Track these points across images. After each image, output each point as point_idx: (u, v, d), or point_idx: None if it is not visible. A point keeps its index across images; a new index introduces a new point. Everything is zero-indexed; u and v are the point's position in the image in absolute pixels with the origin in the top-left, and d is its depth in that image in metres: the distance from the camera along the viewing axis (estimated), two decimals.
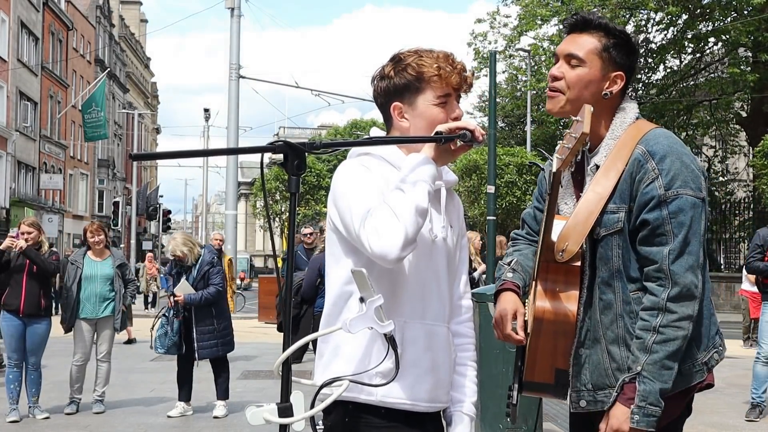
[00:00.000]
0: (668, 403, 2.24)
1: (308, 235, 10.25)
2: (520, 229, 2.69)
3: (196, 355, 7.29)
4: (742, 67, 24.21)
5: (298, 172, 1.87)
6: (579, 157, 2.38)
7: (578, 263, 2.29)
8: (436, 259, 2.21)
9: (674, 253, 2.16)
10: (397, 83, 2.23)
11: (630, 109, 2.35)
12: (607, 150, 2.30)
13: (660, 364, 2.14)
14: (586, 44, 2.33)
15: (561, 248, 2.25)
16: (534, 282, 2.35)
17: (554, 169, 2.05)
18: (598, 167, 2.30)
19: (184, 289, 7.26)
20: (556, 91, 2.34)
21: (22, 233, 7.17)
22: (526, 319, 2.40)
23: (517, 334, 2.36)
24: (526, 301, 2.46)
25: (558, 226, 2.30)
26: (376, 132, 2.31)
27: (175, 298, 7.24)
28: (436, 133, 2.12)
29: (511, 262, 2.52)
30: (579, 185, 2.38)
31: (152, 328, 7.46)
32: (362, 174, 2.14)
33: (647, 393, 2.14)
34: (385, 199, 2.05)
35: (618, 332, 2.25)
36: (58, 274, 8.73)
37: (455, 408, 2.28)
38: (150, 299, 23.33)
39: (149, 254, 25.92)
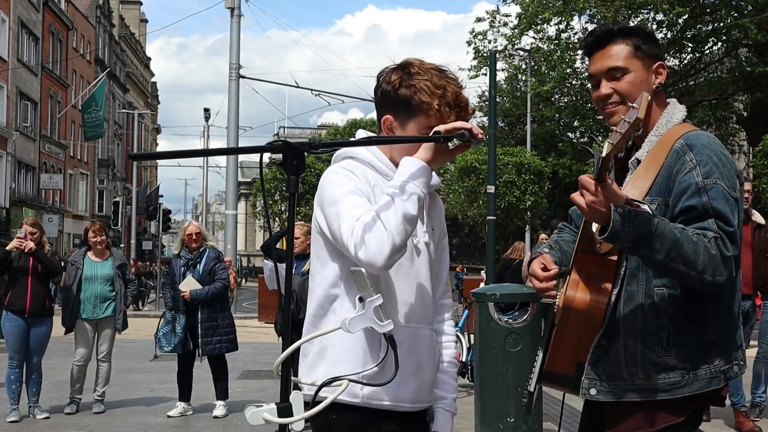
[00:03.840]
0: (671, 406, 2.23)
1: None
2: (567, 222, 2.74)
3: (199, 351, 7.30)
4: (744, 65, 24.23)
5: (297, 172, 1.87)
6: (622, 154, 2.37)
7: (615, 257, 2.26)
8: (419, 263, 2.22)
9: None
10: (398, 96, 2.19)
11: (678, 112, 2.37)
12: (650, 146, 2.30)
13: (669, 238, 2.06)
14: (619, 53, 2.35)
15: (599, 241, 2.22)
16: (569, 270, 2.33)
17: (604, 154, 1.99)
18: (639, 162, 2.30)
19: (189, 284, 7.28)
20: (616, 105, 2.34)
21: (30, 234, 7.17)
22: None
23: (549, 278, 2.33)
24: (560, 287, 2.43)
25: None
26: (361, 134, 2.25)
27: (181, 294, 7.25)
28: (435, 132, 2.11)
29: (550, 242, 2.55)
30: (620, 181, 2.35)
31: (156, 332, 7.46)
32: (350, 180, 2.13)
33: (636, 224, 2.03)
34: (375, 206, 2.04)
35: (636, 325, 2.23)
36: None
37: (438, 405, 2.31)
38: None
39: (227, 258, 23.20)
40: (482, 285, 12.68)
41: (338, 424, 2.14)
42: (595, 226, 2.24)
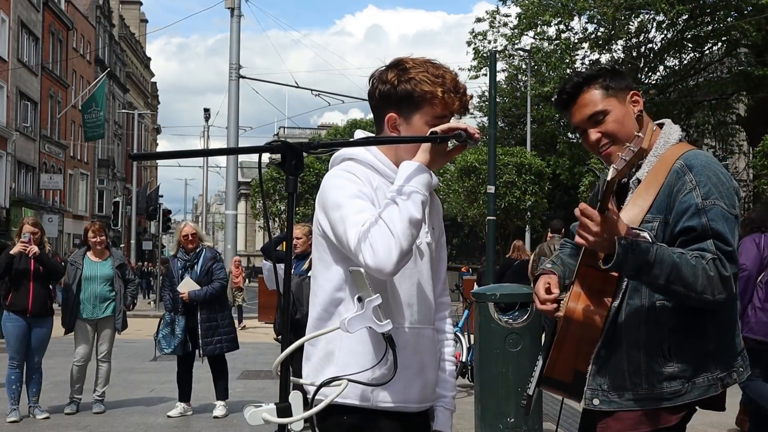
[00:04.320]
0: (667, 410, 2.30)
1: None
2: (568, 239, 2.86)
3: (200, 351, 7.29)
4: (743, 66, 24.23)
5: (295, 172, 1.87)
6: (626, 180, 2.45)
7: (616, 273, 2.34)
8: (421, 264, 2.22)
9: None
10: (398, 93, 2.18)
11: (674, 132, 2.47)
12: (650, 166, 2.40)
13: (668, 264, 2.15)
14: (594, 98, 2.46)
15: (601, 256, 2.31)
16: (571, 283, 2.42)
17: (609, 178, 2.11)
18: (640, 181, 2.40)
19: (187, 285, 7.27)
20: (609, 146, 2.44)
21: (32, 234, 7.19)
22: (561, 298, 2.46)
23: (551, 301, 2.45)
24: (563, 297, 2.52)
25: None
26: (360, 135, 2.24)
27: (180, 296, 7.25)
28: (432, 133, 2.10)
29: (553, 258, 2.67)
30: (621, 200, 2.46)
31: (156, 334, 7.45)
32: (353, 183, 2.12)
33: (637, 253, 2.14)
34: (380, 211, 2.03)
35: (640, 338, 2.31)
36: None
37: (438, 403, 2.32)
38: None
39: (236, 258, 21.04)
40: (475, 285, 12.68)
41: (347, 427, 2.14)
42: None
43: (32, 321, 7.20)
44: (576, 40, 26.47)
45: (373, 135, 2.25)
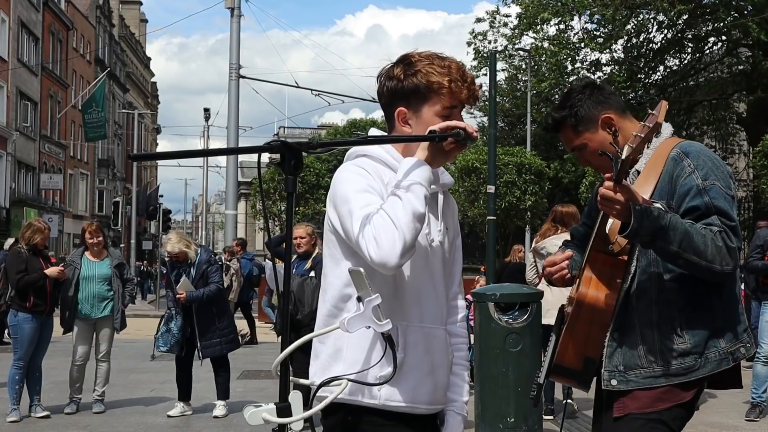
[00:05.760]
0: (681, 387, 2.41)
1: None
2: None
3: (200, 354, 7.30)
4: (743, 66, 24.23)
5: (294, 171, 1.87)
6: (640, 155, 2.55)
7: (625, 257, 2.47)
8: (433, 262, 2.21)
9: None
10: (405, 87, 2.19)
11: (666, 128, 2.60)
12: (646, 159, 2.55)
13: (681, 231, 2.27)
14: (569, 137, 2.66)
15: (612, 240, 2.45)
16: (581, 269, 2.53)
17: (623, 156, 2.20)
18: (638, 173, 2.53)
19: (185, 287, 7.28)
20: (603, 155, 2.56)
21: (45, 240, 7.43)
22: (568, 298, 2.57)
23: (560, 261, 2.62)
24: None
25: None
26: (374, 132, 2.28)
27: (178, 296, 7.26)
28: (430, 131, 2.11)
29: (563, 247, 2.83)
30: None
31: (156, 333, 7.46)
32: (362, 178, 2.12)
33: (652, 219, 2.25)
34: (383, 205, 2.04)
35: (652, 317, 2.42)
36: None
37: (449, 407, 2.30)
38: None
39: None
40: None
41: (351, 425, 2.13)
42: (608, 228, 2.46)
43: (44, 320, 7.27)
44: (576, 40, 26.45)
45: (385, 133, 2.27)
